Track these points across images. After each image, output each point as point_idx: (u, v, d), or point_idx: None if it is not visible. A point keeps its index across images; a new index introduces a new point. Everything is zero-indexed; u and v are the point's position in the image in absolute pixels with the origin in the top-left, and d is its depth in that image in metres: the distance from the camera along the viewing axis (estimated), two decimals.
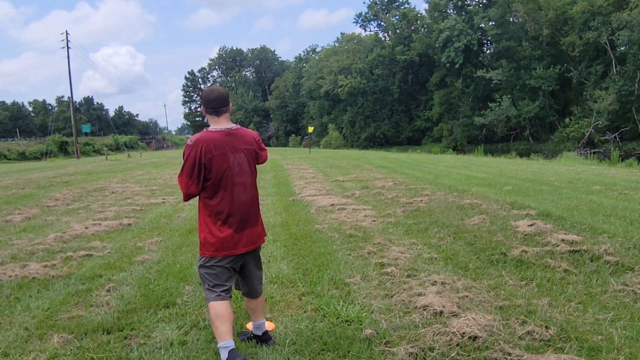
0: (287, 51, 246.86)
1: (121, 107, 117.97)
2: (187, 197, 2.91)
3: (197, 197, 2.94)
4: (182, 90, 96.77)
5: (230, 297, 2.93)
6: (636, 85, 35.33)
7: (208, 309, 2.89)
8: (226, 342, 2.80)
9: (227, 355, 2.74)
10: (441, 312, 3.42)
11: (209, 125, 2.97)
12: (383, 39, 61.12)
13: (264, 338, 3.18)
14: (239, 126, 3.03)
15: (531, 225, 5.99)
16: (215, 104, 2.89)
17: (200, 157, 2.77)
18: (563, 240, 5.20)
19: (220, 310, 2.83)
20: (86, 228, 7.17)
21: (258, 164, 3.15)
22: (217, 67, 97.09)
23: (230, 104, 3.02)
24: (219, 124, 2.91)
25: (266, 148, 3.27)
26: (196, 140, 2.81)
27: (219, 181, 2.83)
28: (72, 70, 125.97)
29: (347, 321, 3.44)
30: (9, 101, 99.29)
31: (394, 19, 58.49)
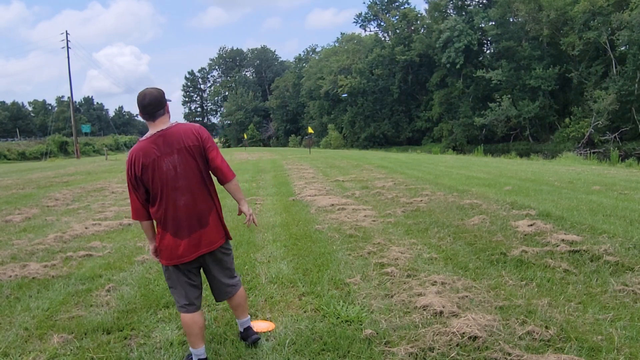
0: (294, 51, 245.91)
1: (121, 107, 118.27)
2: (134, 213, 2.79)
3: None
4: (182, 90, 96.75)
5: (197, 309, 2.86)
6: (636, 85, 35.35)
7: None
8: (197, 350, 2.85)
9: None
10: (441, 312, 3.42)
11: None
12: (383, 39, 61.11)
13: (245, 335, 3.14)
14: (175, 123, 2.81)
15: (531, 225, 5.99)
16: (151, 109, 2.71)
17: (134, 170, 2.69)
18: (563, 240, 5.20)
19: (186, 321, 2.83)
20: (86, 228, 7.17)
21: (213, 166, 2.83)
22: (217, 67, 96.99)
23: (168, 104, 2.82)
24: (155, 128, 2.73)
25: (216, 148, 2.88)
26: (129, 154, 2.72)
27: (157, 189, 2.71)
28: (78, 70, 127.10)
29: (347, 321, 3.44)
30: (10, 101, 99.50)
31: (394, 19, 58.48)
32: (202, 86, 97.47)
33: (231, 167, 2.95)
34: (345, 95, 56.65)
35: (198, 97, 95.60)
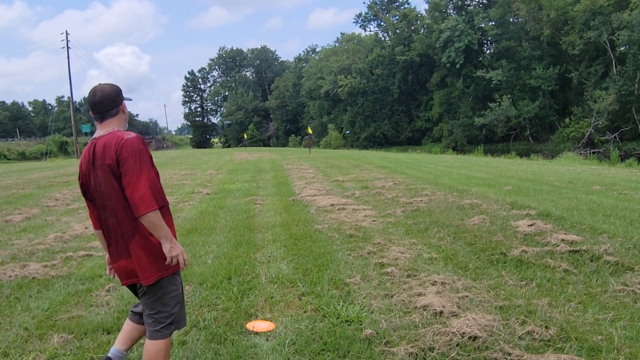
0: (294, 51, 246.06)
1: None
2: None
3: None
4: (182, 90, 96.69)
5: (132, 319, 2.76)
6: (636, 85, 35.36)
7: None
8: (112, 347, 2.79)
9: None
10: (441, 312, 3.42)
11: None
12: (383, 39, 61.13)
13: None
14: (110, 131, 2.32)
15: (531, 225, 5.99)
16: (101, 108, 2.32)
17: (79, 176, 2.45)
18: (563, 240, 5.20)
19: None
20: (86, 228, 7.16)
21: (125, 195, 2.27)
22: (217, 67, 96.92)
23: (124, 103, 2.42)
24: (99, 132, 2.36)
25: (133, 172, 2.21)
26: None
27: (93, 202, 2.44)
28: (78, 70, 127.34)
29: (347, 321, 3.44)
30: (10, 101, 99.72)
31: (394, 19, 58.51)
32: (202, 86, 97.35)
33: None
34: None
35: (198, 97, 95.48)
